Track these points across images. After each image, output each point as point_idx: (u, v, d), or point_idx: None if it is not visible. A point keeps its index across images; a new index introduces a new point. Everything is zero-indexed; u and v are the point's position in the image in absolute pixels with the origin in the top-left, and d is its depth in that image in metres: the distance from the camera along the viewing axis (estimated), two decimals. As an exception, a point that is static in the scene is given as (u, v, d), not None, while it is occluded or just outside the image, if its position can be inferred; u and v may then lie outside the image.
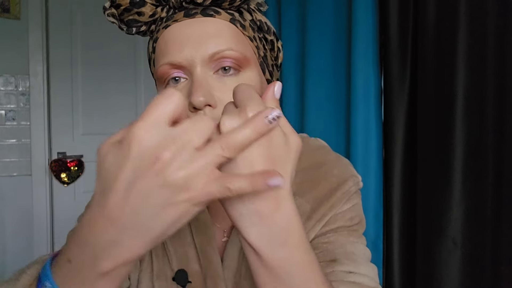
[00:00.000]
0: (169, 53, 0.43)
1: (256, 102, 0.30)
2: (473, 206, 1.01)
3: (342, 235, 0.49)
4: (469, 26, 1.01)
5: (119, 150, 0.27)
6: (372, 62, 1.26)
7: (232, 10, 0.46)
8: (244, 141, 0.28)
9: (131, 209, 0.27)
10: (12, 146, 1.91)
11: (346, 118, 1.38)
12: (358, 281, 0.45)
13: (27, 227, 1.94)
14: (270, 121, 0.28)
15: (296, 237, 0.32)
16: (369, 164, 1.25)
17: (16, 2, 1.86)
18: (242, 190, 0.27)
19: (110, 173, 0.27)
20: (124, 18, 0.46)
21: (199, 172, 0.26)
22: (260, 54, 0.48)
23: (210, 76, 0.43)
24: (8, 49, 1.87)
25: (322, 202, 0.50)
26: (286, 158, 0.31)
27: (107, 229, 0.28)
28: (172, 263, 0.51)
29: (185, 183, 0.26)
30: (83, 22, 2.06)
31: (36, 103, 1.93)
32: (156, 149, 0.26)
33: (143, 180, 0.26)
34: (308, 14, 1.46)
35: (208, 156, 0.27)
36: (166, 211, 0.27)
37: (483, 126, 0.99)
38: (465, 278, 1.03)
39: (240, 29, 0.46)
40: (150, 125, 0.26)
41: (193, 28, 0.43)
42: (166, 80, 0.45)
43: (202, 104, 0.41)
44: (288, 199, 0.32)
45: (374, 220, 1.24)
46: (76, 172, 2.03)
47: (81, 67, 2.06)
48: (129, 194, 0.26)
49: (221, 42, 0.43)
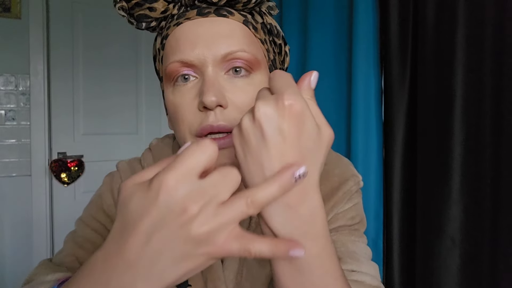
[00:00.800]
0: (180, 51, 0.43)
1: (293, 90, 0.29)
2: (472, 205, 1.02)
3: (344, 234, 0.50)
4: (468, 26, 1.01)
5: (147, 194, 0.27)
6: (372, 62, 1.27)
7: (245, 12, 0.46)
8: (269, 199, 0.28)
9: (150, 256, 0.27)
10: (12, 146, 1.91)
11: (346, 118, 1.38)
12: (360, 280, 0.46)
13: (26, 227, 1.94)
14: (296, 178, 0.28)
15: (319, 229, 0.32)
16: (369, 164, 1.26)
17: (17, 1, 1.86)
18: (262, 254, 0.27)
19: (134, 215, 0.27)
20: (134, 13, 0.46)
21: (222, 228, 0.27)
22: (270, 57, 0.48)
23: (221, 76, 0.43)
24: (9, 49, 1.87)
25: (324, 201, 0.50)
26: (317, 150, 0.31)
27: (123, 271, 0.28)
28: None
29: (207, 238, 0.26)
30: (84, 21, 2.06)
31: (36, 103, 1.92)
32: (184, 201, 0.26)
33: (167, 230, 0.26)
34: (309, 14, 1.46)
35: (232, 212, 0.27)
36: (184, 263, 0.27)
37: (482, 126, 1.00)
38: (464, 276, 1.03)
39: (252, 31, 0.46)
40: (182, 175, 0.26)
41: (206, 27, 0.43)
42: (175, 78, 0.44)
43: (214, 104, 0.40)
44: (315, 191, 0.31)
45: (374, 219, 1.24)
46: (76, 172, 2.03)
47: (81, 67, 2.06)
48: (150, 240, 0.27)
49: (233, 43, 0.43)
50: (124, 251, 0.27)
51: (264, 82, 0.45)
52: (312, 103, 0.32)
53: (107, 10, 2.11)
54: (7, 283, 1.91)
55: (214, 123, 0.41)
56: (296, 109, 0.28)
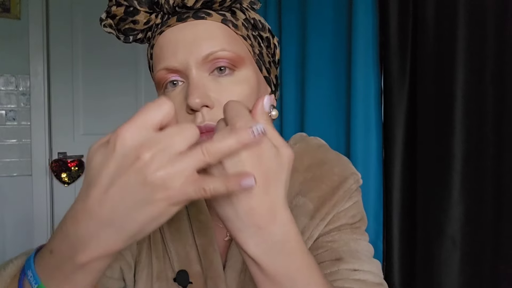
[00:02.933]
0: (164, 58, 0.44)
1: (246, 118, 0.31)
2: (473, 205, 1.02)
3: (346, 233, 0.51)
4: (468, 26, 1.01)
5: (105, 149, 0.29)
6: (372, 63, 1.27)
7: (223, 11, 0.47)
8: (226, 148, 0.29)
9: (110, 205, 0.28)
10: (12, 146, 1.91)
11: (346, 118, 1.38)
12: (363, 278, 0.47)
13: (27, 227, 1.95)
14: (254, 133, 0.29)
15: (293, 244, 0.33)
16: (369, 164, 1.26)
17: (17, 2, 1.86)
18: (216, 191, 0.28)
19: (95, 169, 0.29)
20: (121, 28, 0.47)
21: (178, 173, 0.28)
22: (255, 52, 0.49)
23: (206, 77, 0.44)
24: (9, 49, 1.87)
25: (325, 200, 0.51)
26: (279, 169, 0.32)
27: (86, 223, 0.29)
28: (173, 264, 0.52)
29: (163, 183, 0.27)
30: (84, 22, 2.06)
31: (36, 103, 1.93)
32: (138, 149, 0.27)
33: (124, 177, 0.28)
34: (308, 14, 1.46)
35: (188, 159, 0.28)
36: (144, 209, 0.28)
37: (482, 126, 1.00)
38: (464, 278, 1.03)
39: (232, 29, 0.46)
40: (136, 127, 0.28)
41: (185, 31, 0.44)
42: (164, 85, 0.46)
43: (199, 106, 0.41)
44: (284, 208, 0.32)
45: (374, 220, 1.24)
46: (77, 172, 2.03)
47: (81, 67, 2.06)
48: (109, 189, 0.28)
49: (213, 43, 0.44)
50: (87, 203, 0.29)
51: (250, 78, 0.46)
52: (268, 127, 0.33)
53: (107, 10, 2.11)
54: (8, 283, 1.92)
55: (201, 124, 0.42)
56: None
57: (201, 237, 0.52)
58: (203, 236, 0.52)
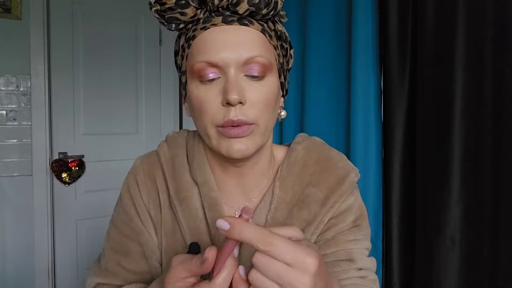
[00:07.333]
0: (207, 53, 0.50)
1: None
2: (471, 205, 1.02)
3: (345, 234, 0.57)
4: (467, 26, 1.01)
5: None
6: (372, 63, 1.27)
7: (262, 21, 0.53)
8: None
9: None
10: (13, 146, 1.91)
11: (346, 118, 1.38)
12: (363, 275, 0.56)
13: (28, 227, 1.95)
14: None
15: None
16: (369, 164, 1.26)
17: (17, 2, 1.87)
18: None
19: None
20: (166, 15, 0.51)
21: None
22: (280, 61, 0.55)
23: (241, 77, 0.50)
24: (9, 49, 1.88)
25: (334, 190, 0.57)
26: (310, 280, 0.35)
27: None
28: (186, 238, 0.57)
29: None
30: (84, 22, 2.06)
31: (37, 103, 1.93)
32: None
33: None
34: (308, 14, 1.46)
35: None
36: None
37: (481, 126, 1.00)
38: (463, 277, 1.04)
39: (268, 38, 0.53)
40: None
41: (230, 34, 0.50)
42: (201, 75, 0.50)
43: (236, 102, 0.47)
44: None
45: (373, 219, 1.25)
46: (77, 172, 2.04)
47: (82, 67, 2.06)
48: None
49: (253, 49, 0.50)
50: None
51: (274, 82, 0.53)
52: (274, 249, 0.35)
53: (107, 10, 2.11)
54: (8, 282, 1.92)
55: (234, 118, 0.48)
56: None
57: (212, 212, 0.56)
58: (214, 211, 0.56)
